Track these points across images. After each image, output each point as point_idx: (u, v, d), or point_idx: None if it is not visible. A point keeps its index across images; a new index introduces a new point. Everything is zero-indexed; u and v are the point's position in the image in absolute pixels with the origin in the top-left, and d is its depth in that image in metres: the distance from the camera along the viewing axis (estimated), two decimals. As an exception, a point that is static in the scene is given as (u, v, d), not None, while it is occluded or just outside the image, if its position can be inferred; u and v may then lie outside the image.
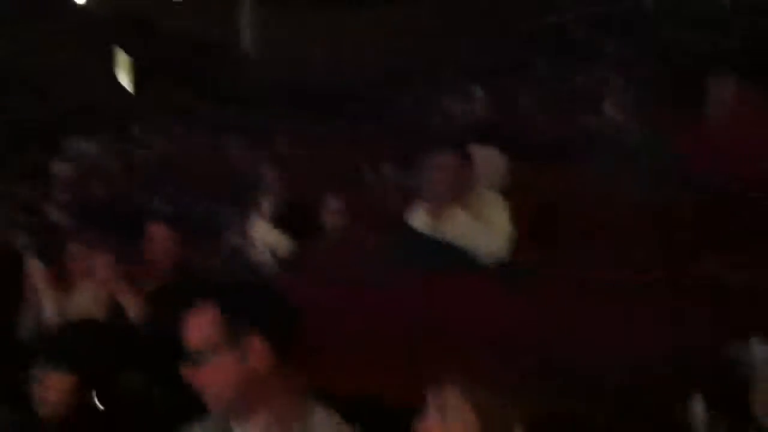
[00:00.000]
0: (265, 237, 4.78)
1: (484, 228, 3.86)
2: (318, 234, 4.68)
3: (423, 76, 7.51)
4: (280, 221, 4.86)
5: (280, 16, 10.74)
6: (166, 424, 2.11)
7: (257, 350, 1.79)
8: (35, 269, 3.87)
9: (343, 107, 7.70)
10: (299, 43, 10.13)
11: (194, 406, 1.85)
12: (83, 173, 6.61)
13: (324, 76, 9.09)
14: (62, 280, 3.90)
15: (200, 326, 1.82)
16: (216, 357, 1.79)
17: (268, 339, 1.80)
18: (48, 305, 3.79)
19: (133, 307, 3.44)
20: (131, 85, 12.13)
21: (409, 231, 3.93)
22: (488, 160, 5.12)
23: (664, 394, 2.32)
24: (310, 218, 4.75)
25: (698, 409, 2.17)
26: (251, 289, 2.00)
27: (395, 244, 3.77)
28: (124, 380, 2.85)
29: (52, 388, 2.63)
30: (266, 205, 5.02)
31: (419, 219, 4.01)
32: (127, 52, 11.79)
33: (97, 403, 2.55)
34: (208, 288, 1.94)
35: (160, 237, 3.89)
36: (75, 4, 11.66)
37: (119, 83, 12.13)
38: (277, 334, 1.83)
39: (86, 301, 3.74)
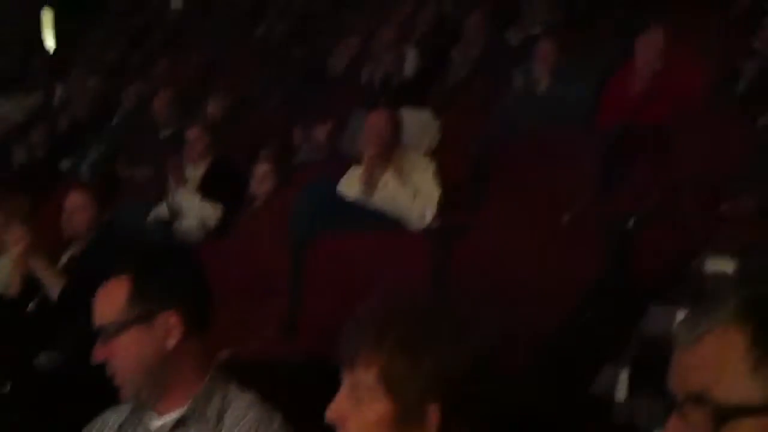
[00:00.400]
0: (192, 205, 4.61)
1: (413, 194, 3.81)
2: (248, 200, 4.55)
3: (358, 36, 7.35)
4: (207, 188, 4.68)
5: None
6: (85, 406, 1.96)
7: (172, 326, 1.65)
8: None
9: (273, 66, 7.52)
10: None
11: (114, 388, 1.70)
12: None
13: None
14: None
15: (108, 298, 1.66)
16: (124, 333, 1.64)
17: (186, 314, 1.65)
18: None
19: (50, 282, 3.26)
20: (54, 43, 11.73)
21: (340, 197, 3.85)
22: (418, 121, 5.07)
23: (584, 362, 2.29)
24: (239, 184, 4.62)
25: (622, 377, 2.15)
26: (170, 258, 1.82)
27: (328, 209, 3.67)
28: (39, 360, 2.69)
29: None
30: (192, 171, 4.84)
31: (351, 186, 3.94)
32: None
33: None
34: (124, 256, 1.77)
35: (76, 201, 3.67)
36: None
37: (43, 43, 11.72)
38: (195, 308, 1.69)
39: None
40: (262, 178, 4.39)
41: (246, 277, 3.42)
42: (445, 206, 3.83)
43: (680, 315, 2.16)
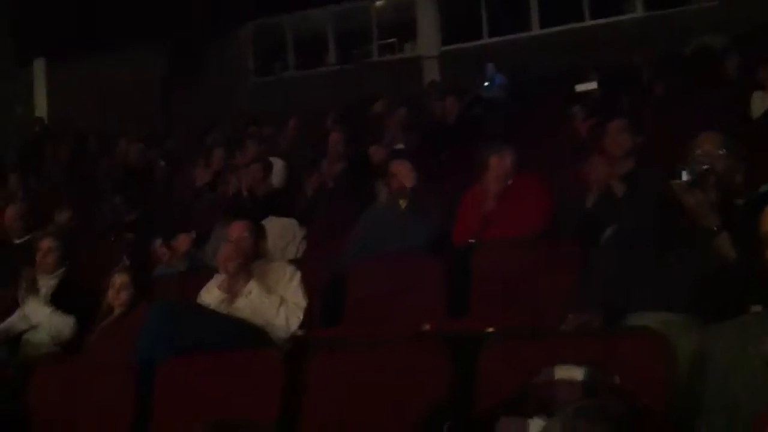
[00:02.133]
0: (42, 317, 4.41)
1: (278, 302, 3.80)
2: (103, 313, 4.39)
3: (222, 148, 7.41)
4: (59, 300, 4.50)
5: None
6: None
7: None
8: None
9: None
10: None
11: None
12: None
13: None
14: None
15: None
16: None
17: None
18: None
19: None
20: None
21: (199, 309, 3.79)
22: (284, 230, 5.11)
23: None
24: (94, 297, 4.46)
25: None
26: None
27: (186, 323, 3.58)
28: None
29: None
30: (44, 281, 4.65)
31: (212, 296, 3.89)
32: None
33: None
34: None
35: None
36: None
37: None
38: None
39: None
40: (118, 288, 4.27)
41: (92, 400, 3.27)
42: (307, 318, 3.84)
43: (534, 426, 2.21)
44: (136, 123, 9.43)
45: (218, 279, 3.95)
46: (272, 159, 6.41)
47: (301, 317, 3.82)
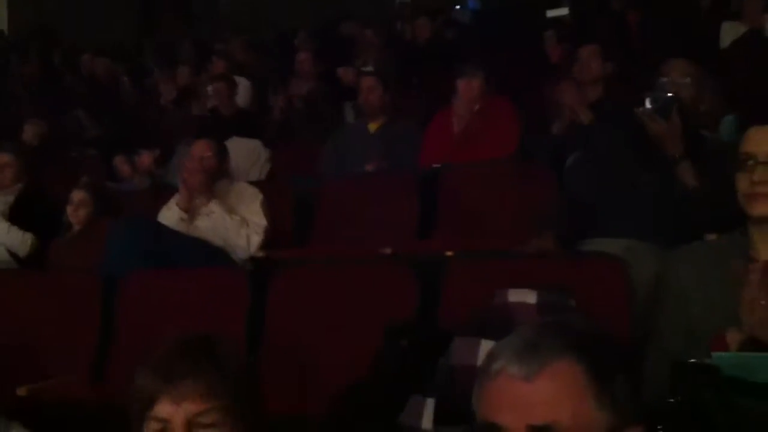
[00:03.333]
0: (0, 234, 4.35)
1: (240, 222, 3.78)
2: (63, 229, 4.35)
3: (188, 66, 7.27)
4: (17, 216, 4.43)
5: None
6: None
7: None
8: None
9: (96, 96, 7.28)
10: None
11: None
12: None
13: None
14: None
15: None
16: None
17: None
18: None
19: None
20: None
21: (161, 227, 3.76)
22: (248, 151, 5.05)
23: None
24: (52, 213, 4.40)
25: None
26: None
27: (144, 243, 3.56)
28: None
29: None
30: (1, 198, 4.57)
31: (172, 214, 3.86)
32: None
33: None
34: None
35: None
36: None
37: None
38: None
39: None
40: (78, 205, 4.21)
41: (54, 313, 3.25)
42: (270, 239, 3.84)
43: (485, 345, 2.25)
44: (106, 34, 9.19)
45: (178, 197, 3.91)
46: (237, 78, 6.29)
47: (263, 238, 3.81)
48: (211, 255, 3.65)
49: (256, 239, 3.79)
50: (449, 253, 3.26)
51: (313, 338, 2.89)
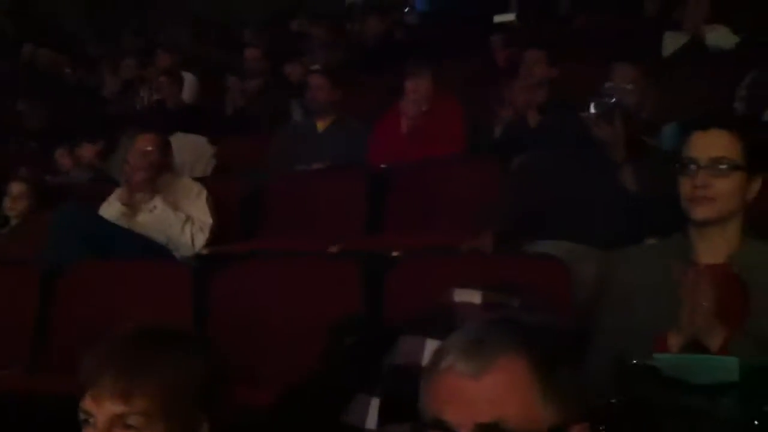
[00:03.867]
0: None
1: (184, 219, 3.73)
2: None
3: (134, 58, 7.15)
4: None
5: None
6: None
7: None
8: None
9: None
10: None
11: None
12: None
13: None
14: None
15: None
16: None
17: None
18: None
19: None
20: None
21: (101, 220, 3.69)
22: (193, 147, 4.99)
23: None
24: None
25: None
26: None
27: (85, 234, 3.49)
28: None
29: None
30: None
31: (113, 208, 3.79)
32: None
33: None
34: None
35: None
36: None
37: None
38: None
39: None
40: (16, 197, 4.11)
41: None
42: (215, 236, 3.80)
43: (430, 345, 2.26)
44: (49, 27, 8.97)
45: (119, 192, 3.84)
46: (184, 73, 6.21)
47: (207, 235, 3.77)
48: (153, 250, 3.60)
49: (201, 237, 3.74)
50: (395, 253, 3.27)
51: (257, 334, 2.87)
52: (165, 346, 1.34)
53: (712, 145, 2.01)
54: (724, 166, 1.99)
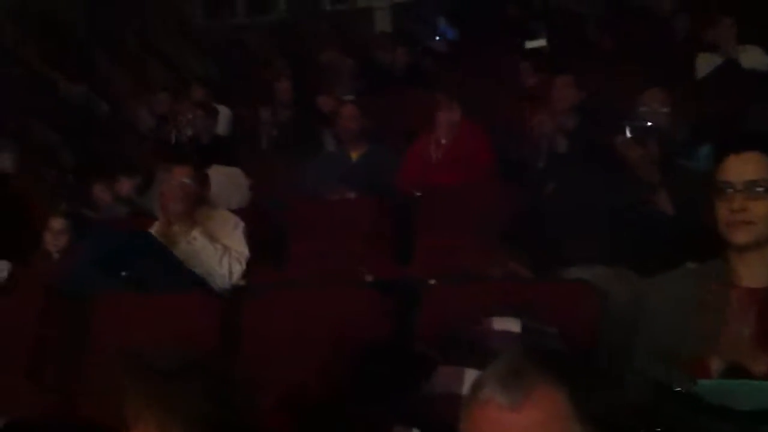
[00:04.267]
0: None
1: (222, 251, 3.76)
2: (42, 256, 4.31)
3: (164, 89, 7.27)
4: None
5: None
6: None
7: None
8: None
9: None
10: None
11: None
12: None
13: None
14: None
15: None
16: None
17: None
18: None
19: None
20: None
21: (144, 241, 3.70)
22: (229, 179, 5.04)
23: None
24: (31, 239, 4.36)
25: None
26: None
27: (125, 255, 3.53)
28: None
29: None
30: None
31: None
32: None
33: None
34: None
35: None
36: None
37: None
38: None
39: None
40: (57, 232, 4.18)
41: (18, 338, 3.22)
42: (250, 266, 3.82)
43: (469, 374, 2.24)
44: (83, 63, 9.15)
45: (157, 225, 3.88)
46: (218, 106, 6.30)
47: (244, 267, 3.79)
48: (192, 281, 3.62)
49: (238, 268, 3.76)
50: (432, 281, 3.27)
51: (288, 363, 2.87)
52: (198, 378, 1.37)
53: (746, 167, 1.98)
54: (760, 189, 1.96)
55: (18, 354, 3.17)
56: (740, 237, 1.98)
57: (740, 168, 1.99)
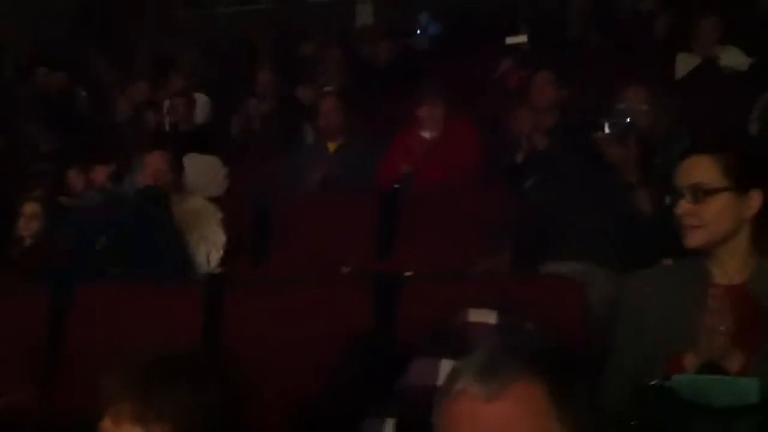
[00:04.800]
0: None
1: (197, 240, 3.74)
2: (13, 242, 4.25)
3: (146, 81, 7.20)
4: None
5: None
6: None
7: None
8: None
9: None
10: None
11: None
12: None
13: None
14: None
15: None
16: None
17: None
18: None
19: None
20: None
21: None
22: (206, 168, 5.01)
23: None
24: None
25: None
26: None
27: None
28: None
29: None
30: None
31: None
32: None
33: None
34: None
35: None
36: None
37: None
38: None
39: None
40: (30, 217, 4.13)
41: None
42: (228, 255, 3.80)
43: (444, 365, 2.24)
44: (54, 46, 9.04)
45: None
46: (196, 94, 6.24)
47: (221, 255, 3.77)
48: (171, 266, 3.57)
49: (215, 256, 3.76)
50: (408, 273, 3.26)
51: (268, 355, 2.85)
52: (182, 371, 1.36)
53: (690, 171, 1.98)
54: (702, 192, 1.95)
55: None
56: (691, 241, 1.99)
57: (685, 172, 1.99)
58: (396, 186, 4.28)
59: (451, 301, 2.49)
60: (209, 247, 3.75)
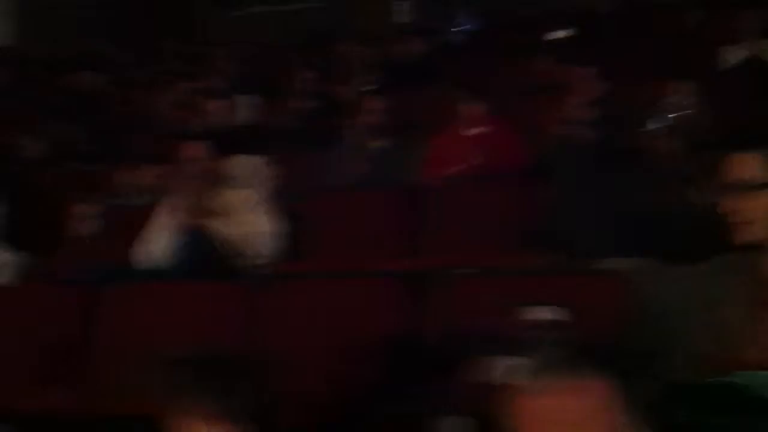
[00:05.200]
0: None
1: (243, 233, 3.75)
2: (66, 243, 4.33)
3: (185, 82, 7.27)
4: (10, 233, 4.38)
5: None
6: None
7: None
8: None
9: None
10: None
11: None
12: None
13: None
14: None
15: None
16: None
17: None
18: None
19: None
20: None
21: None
22: (251, 168, 5.05)
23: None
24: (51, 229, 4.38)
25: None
26: None
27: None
28: None
29: None
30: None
31: (173, 219, 3.80)
32: None
33: None
34: None
35: None
36: None
37: None
38: None
39: None
40: (81, 219, 4.20)
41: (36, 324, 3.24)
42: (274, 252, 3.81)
43: (503, 363, 2.25)
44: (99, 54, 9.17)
45: (174, 205, 3.86)
46: (238, 96, 6.29)
47: (268, 247, 3.77)
48: (216, 261, 3.60)
49: (261, 249, 3.75)
50: (447, 268, 3.26)
51: (307, 353, 2.88)
52: (242, 372, 1.39)
53: (738, 167, 1.97)
54: (751, 188, 1.94)
55: (31, 349, 3.18)
56: (740, 238, 1.97)
57: (735, 168, 1.98)
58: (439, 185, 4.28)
59: (489, 297, 2.50)
60: (254, 241, 3.74)
